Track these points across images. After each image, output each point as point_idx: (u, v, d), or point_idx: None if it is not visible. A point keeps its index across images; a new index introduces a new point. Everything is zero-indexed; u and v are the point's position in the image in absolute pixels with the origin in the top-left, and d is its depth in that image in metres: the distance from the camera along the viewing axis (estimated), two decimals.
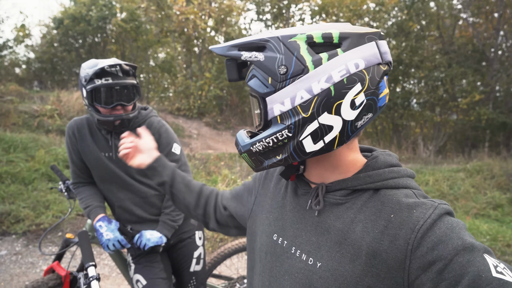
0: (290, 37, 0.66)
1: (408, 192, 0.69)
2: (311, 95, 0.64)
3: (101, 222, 1.71)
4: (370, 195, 0.70)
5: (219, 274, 2.44)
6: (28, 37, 13.35)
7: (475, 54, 11.53)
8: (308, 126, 0.66)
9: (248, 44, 0.69)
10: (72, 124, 1.77)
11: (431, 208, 0.63)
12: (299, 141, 0.67)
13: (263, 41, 0.67)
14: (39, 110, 7.84)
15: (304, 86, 0.64)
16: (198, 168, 6.49)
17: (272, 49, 0.67)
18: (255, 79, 0.70)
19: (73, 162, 1.81)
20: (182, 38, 11.59)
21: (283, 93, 0.66)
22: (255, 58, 0.67)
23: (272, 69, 0.66)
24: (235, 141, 0.78)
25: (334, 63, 0.64)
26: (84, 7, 12.45)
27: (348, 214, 0.71)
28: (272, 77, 0.67)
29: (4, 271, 3.25)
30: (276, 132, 0.68)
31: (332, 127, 0.66)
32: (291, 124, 0.66)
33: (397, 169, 0.73)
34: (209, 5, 11.31)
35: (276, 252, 0.80)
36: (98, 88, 1.59)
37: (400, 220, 0.64)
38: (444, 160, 9.62)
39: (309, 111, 0.65)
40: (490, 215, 5.74)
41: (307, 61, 0.65)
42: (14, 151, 5.51)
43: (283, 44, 0.66)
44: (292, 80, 0.65)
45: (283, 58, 0.65)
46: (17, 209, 4.12)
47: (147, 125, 1.78)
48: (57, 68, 14.00)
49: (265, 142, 0.70)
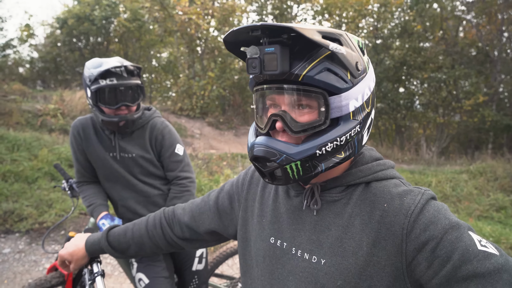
0: (355, 39, 0.71)
1: (396, 182, 0.75)
2: (370, 92, 0.72)
3: (104, 220, 1.71)
4: (362, 189, 0.75)
5: (221, 274, 2.44)
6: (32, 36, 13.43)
7: (479, 55, 11.49)
8: (369, 120, 0.74)
9: (329, 34, 0.65)
10: (76, 124, 1.78)
11: (419, 195, 0.70)
12: (362, 134, 0.72)
13: (337, 34, 0.66)
14: (43, 109, 7.87)
15: (368, 84, 0.71)
16: (201, 168, 6.50)
17: (347, 44, 0.68)
18: (328, 72, 0.65)
19: (77, 161, 1.81)
20: (184, 38, 11.61)
21: (358, 89, 0.69)
22: (337, 49, 0.64)
23: (353, 65, 0.67)
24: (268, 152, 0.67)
25: (371, 67, 0.76)
26: (88, 6, 12.49)
27: (346, 209, 0.74)
28: (352, 72, 0.68)
29: (8, 269, 3.27)
30: (351, 129, 0.69)
31: (372, 120, 0.77)
32: (361, 120, 0.70)
33: (382, 162, 0.79)
34: (212, 4, 11.32)
35: (275, 255, 0.80)
36: (102, 89, 1.59)
37: (393, 208, 0.69)
38: (447, 161, 9.59)
39: (370, 106, 0.73)
40: (493, 217, 5.72)
41: (365, 61, 0.72)
42: (17, 150, 5.54)
43: (351, 42, 0.69)
44: (362, 77, 0.70)
45: (358, 57, 0.69)
46: (21, 207, 4.14)
47: (151, 126, 1.79)
48: (60, 67, 14.06)
49: (339, 141, 0.67)
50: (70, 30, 12.68)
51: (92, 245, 1.09)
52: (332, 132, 0.67)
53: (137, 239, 1.04)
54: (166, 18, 11.59)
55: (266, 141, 0.69)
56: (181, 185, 1.81)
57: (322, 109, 0.66)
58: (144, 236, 1.04)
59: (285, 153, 0.66)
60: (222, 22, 11.56)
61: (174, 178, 1.82)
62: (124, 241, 1.05)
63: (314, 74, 0.64)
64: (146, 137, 1.78)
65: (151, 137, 1.78)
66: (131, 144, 1.76)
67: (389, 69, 11.38)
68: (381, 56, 11.66)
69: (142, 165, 1.77)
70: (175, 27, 11.25)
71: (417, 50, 11.38)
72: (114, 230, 1.08)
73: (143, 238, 1.04)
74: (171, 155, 1.79)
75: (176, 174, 1.81)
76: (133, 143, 1.76)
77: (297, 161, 0.66)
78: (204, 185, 5.13)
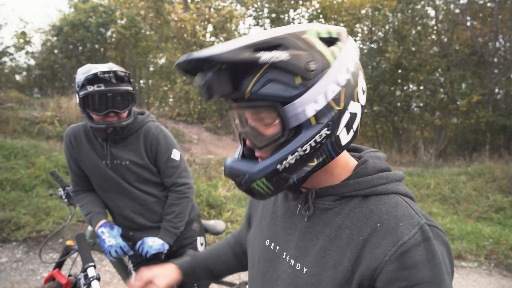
0: (302, 33, 0.63)
1: (397, 200, 0.68)
2: (340, 86, 0.64)
3: (103, 228, 1.69)
4: (359, 201, 0.70)
5: (221, 280, 2.42)
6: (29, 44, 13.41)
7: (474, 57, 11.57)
8: (343, 118, 0.65)
9: (263, 43, 0.60)
10: (68, 132, 1.75)
11: (417, 226, 0.63)
12: (336, 136, 0.65)
13: (277, 39, 0.60)
14: (40, 116, 7.84)
15: (332, 79, 0.63)
16: (199, 173, 6.48)
17: (292, 47, 0.61)
18: (273, 83, 0.61)
19: (71, 170, 1.79)
20: (181, 44, 11.64)
21: (315, 90, 0.62)
22: (276, 58, 0.59)
23: (301, 67, 0.61)
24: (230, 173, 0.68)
25: (344, 55, 0.66)
26: (84, 13, 12.50)
27: (336, 220, 0.70)
28: (302, 76, 0.61)
29: (5, 279, 3.23)
30: (315, 135, 0.63)
31: (356, 114, 0.67)
32: (329, 121, 0.63)
33: (386, 175, 0.71)
34: (208, 10, 11.36)
35: (268, 258, 0.80)
36: (90, 95, 1.55)
37: (385, 230, 0.64)
38: (445, 163, 9.61)
39: (342, 103, 0.64)
40: (493, 218, 5.72)
41: (327, 54, 0.64)
42: (14, 157, 5.50)
43: (300, 40, 0.62)
44: (320, 76, 0.63)
45: (308, 55, 0.62)
46: (18, 216, 4.10)
47: (145, 131, 1.75)
48: (57, 74, 14.03)
49: (301, 151, 0.63)
50: (66, 37, 12.67)
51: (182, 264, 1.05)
52: (293, 143, 0.63)
53: (224, 258, 1.09)
54: (162, 25, 11.61)
55: (231, 162, 0.69)
56: (179, 191, 1.79)
57: (276, 121, 0.64)
58: (229, 255, 1.10)
59: (248, 172, 0.65)
60: (219, 28, 11.60)
61: (172, 184, 1.80)
62: (217, 262, 1.09)
63: (258, 89, 0.61)
64: (141, 142, 1.74)
65: (145, 143, 1.74)
66: (124, 151, 1.72)
67: (385, 72, 11.42)
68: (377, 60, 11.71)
69: (137, 172, 1.74)
70: (171, 33, 11.27)
71: (411, 52, 11.45)
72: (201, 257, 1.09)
73: (229, 258, 1.10)
74: (167, 161, 1.76)
75: (174, 181, 1.79)
76: (127, 149, 1.73)
77: (261, 178, 0.65)
78: (202, 190, 5.11)
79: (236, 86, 0.62)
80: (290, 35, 0.62)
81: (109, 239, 1.66)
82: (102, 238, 1.67)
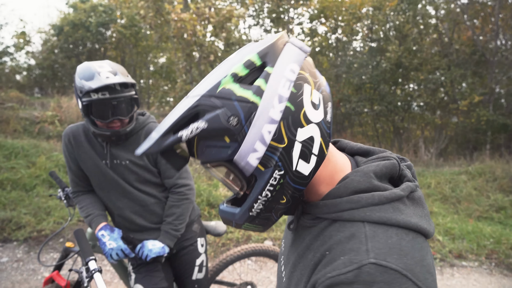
0: (216, 87, 0.60)
1: (356, 231, 0.61)
2: (276, 123, 0.60)
3: (103, 231, 1.68)
4: (328, 223, 0.67)
5: (221, 280, 2.42)
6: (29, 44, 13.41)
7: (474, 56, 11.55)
8: (293, 152, 0.61)
9: (180, 121, 0.60)
10: (67, 132, 1.73)
11: (355, 265, 0.56)
12: (293, 171, 0.62)
13: (192, 109, 0.60)
14: (40, 116, 7.84)
15: (264, 120, 0.59)
16: (199, 173, 6.48)
17: (207, 111, 0.59)
18: (208, 149, 0.62)
19: (71, 170, 1.78)
20: (181, 43, 11.62)
21: (249, 140, 0.60)
22: (197, 130, 0.59)
23: (223, 127, 0.59)
24: (223, 219, 0.70)
25: (274, 83, 0.60)
26: (84, 13, 12.50)
27: (306, 239, 0.71)
28: (228, 135, 0.60)
29: (6, 278, 3.23)
30: (268, 179, 0.62)
31: (312, 137, 0.62)
32: (277, 163, 0.61)
33: (357, 198, 0.64)
34: (208, 9, 11.34)
35: (279, 263, 0.87)
36: (94, 102, 1.53)
37: (328, 260, 0.62)
38: (446, 162, 9.60)
39: (284, 138, 0.60)
40: (493, 217, 5.71)
41: (249, 97, 0.60)
42: (15, 157, 5.50)
43: (215, 97, 0.59)
44: (249, 123, 0.59)
45: (226, 110, 0.59)
46: (18, 215, 4.10)
47: (146, 131, 1.74)
48: (57, 74, 14.03)
49: (263, 197, 0.63)
50: (67, 37, 12.67)
51: None
52: (253, 192, 0.64)
53: None
54: (162, 24, 11.60)
55: (221, 208, 0.71)
56: (180, 193, 1.79)
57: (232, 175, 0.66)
58: None
59: (233, 218, 0.67)
60: (219, 27, 11.59)
61: (172, 185, 1.79)
62: None
63: (200, 156, 0.64)
64: (141, 143, 1.74)
65: None
66: (124, 151, 1.72)
67: (386, 71, 11.41)
68: (377, 59, 11.69)
69: (137, 172, 1.73)
70: (171, 33, 11.26)
71: (412, 52, 11.42)
72: None
73: None
74: None
75: (174, 182, 1.78)
76: (127, 149, 1.72)
77: (244, 223, 0.67)
78: (203, 190, 5.11)
79: (192, 154, 0.65)
80: (204, 97, 0.60)
81: (110, 242, 1.66)
82: (103, 241, 1.66)
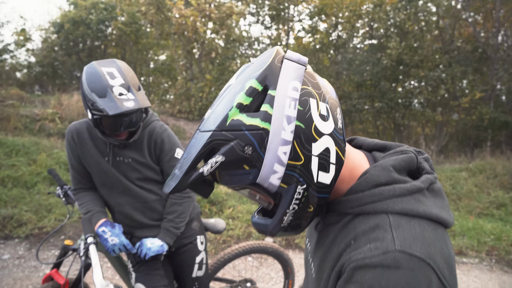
0: (225, 121, 0.62)
1: (381, 222, 0.64)
2: (290, 144, 0.62)
3: (104, 227, 1.69)
4: (351, 217, 0.70)
5: (221, 277, 2.43)
6: (29, 41, 13.38)
7: (476, 53, 11.51)
8: (312, 167, 0.64)
9: (199, 158, 0.63)
10: (71, 129, 1.74)
11: (380, 251, 0.59)
12: (315, 183, 0.65)
13: (207, 145, 0.62)
14: (40, 114, 7.84)
15: (278, 143, 0.62)
16: None
17: (222, 144, 0.61)
18: (231, 177, 0.65)
19: (73, 167, 1.79)
20: (182, 40, 11.60)
21: (267, 164, 0.62)
22: (216, 164, 0.62)
23: (240, 157, 0.62)
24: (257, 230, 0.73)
25: (279, 105, 0.62)
26: (85, 10, 12.47)
27: (331, 234, 0.73)
28: (247, 163, 0.62)
29: (7, 275, 3.25)
30: (293, 195, 0.65)
31: (328, 148, 0.65)
32: (298, 179, 0.64)
33: (379, 191, 0.66)
34: (208, 6, 11.31)
35: (307, 263, 0.89)
36: (105, 117, 1.52)
37: (354, 247, 0.64)
38: (447, 159, 9.59)
39: (301, 156, 0.63)
40: (494, 214, 5.72)
41: (259, 124, 0.61)
42: (16, 155, 5.51)
43: (225, 131, 0.61)
44: (263, 149, 0.62)
45: (239, 141, 0.61)
46: (20, 213, 4.12)
47: (149, 130, 1.76)
48: (58, 72, 14.01)
49: (291, 210, 0.67)
50: (67, 34, 12.65)
51: None
52: (281, 207, 0.67)
53: None
54: (162, 21, 11.57)
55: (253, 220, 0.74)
56: None
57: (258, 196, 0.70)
58: None
59: (267, 229, 0.71)
60: (219, 24, 11.56)
61: None
62: None
63: (224, 182, 0.67)
64: (145, 141, 1.74)
65: (149, 141, 1.75)
66: (127, 149, 1.73)
67: (386, 68, 11.38)
68: (378, 56, 11.65)
69: (139, 170, 1.74)
70: (172, 29, 11.24)
71: (413, 49, 11.38)
72: None
73: None
74: (170, 160, 1.76)
75: None
76: (130, 147, 1.73)
77: (278, 232, 0.70)
78: None
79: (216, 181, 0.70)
80: (215, 132, 0.62)
81: (112, 238, 1.66)
82: (105, 237, 1.67)
